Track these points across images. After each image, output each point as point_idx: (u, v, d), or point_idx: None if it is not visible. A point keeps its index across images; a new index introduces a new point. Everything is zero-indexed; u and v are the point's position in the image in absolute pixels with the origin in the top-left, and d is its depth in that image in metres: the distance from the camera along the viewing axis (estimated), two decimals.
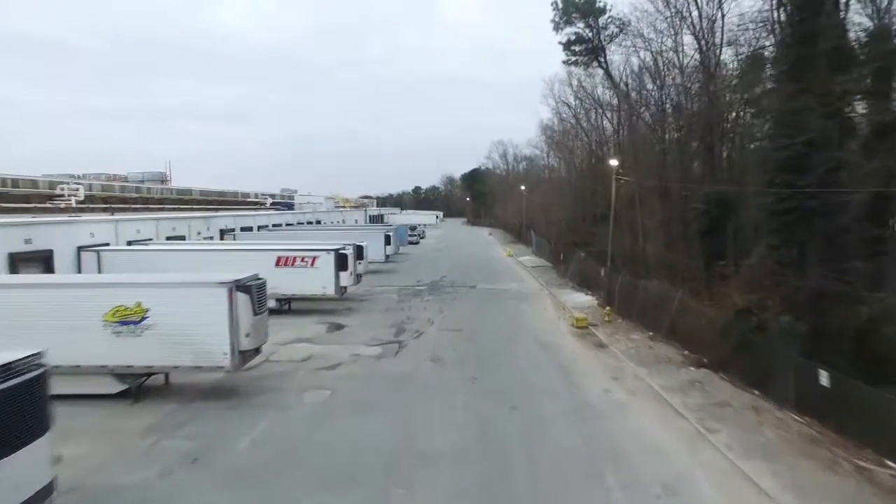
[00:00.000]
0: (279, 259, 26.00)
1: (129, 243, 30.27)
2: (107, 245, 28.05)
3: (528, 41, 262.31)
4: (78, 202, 41.67)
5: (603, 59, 39.26)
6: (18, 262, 23.44)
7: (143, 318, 14.38)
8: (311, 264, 26.23)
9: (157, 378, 15.66)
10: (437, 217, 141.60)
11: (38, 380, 8.16)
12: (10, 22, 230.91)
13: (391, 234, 49.12)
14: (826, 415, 12.95)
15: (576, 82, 47.82)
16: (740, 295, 17.12)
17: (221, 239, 42.45)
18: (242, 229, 46.97)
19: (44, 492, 8.28)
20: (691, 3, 28.46)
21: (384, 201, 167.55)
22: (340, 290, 26.95)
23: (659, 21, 31.31)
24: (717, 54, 28.14)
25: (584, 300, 30.89)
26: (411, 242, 68.19)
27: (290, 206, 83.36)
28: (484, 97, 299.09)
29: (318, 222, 72.04)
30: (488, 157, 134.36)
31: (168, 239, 35.33)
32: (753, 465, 11.15)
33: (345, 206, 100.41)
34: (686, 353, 19.45)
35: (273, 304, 24.15)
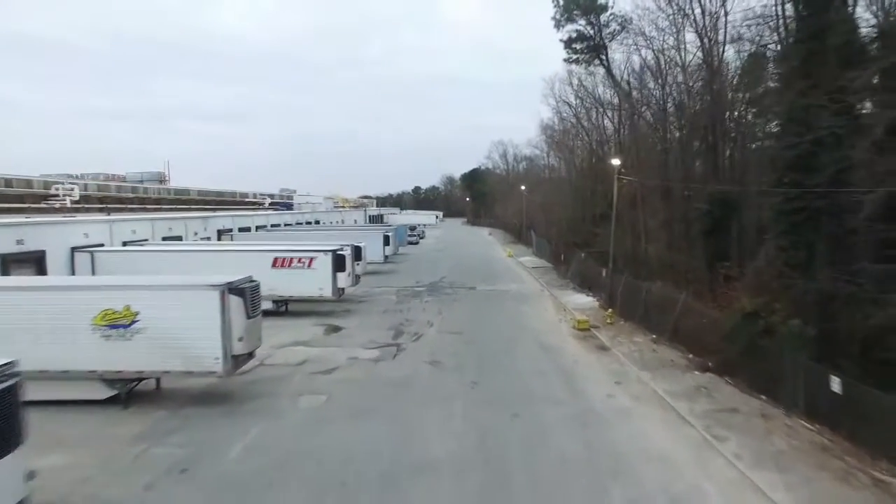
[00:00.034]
0: (276, 260, 25.64)
1: (125, 244, 29.90)
2: (101, 246, 27.67)
3: (528, 41, 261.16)
4: (73, 202, 41.19)
5: (604, 58, 38.80)
6: (10, 263, 23.02)
7: (133, 322, 14.01)
8: (309, 265, 25.85)
9: (149, 383, 15.28)
10: (436, 217, 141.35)
11: (9, 391, 7.73)
12: (10, 22, 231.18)
13: (390, 234, 48.75)
14: (838, 422, 12.51)
15: (576, 81, 47.57)
16: (747, 297, 16.70)
17: (219, 239, 42.11)
18: (240, 230, 46.62)
19: None
20: (694, 1, 28.14)
21: (384, 201, 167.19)
22: (338, 291, 26.53)
23: (661, 19, 30.97)
24: (721, 52, 27.80)
25: (585, 301, 30.48)
26: (411, 243, 67.94)
27: (288, 207, 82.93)
28: (484, 97, 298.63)
29: (317, 222, 71.74)
30: (488, 157, 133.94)
31: (164, 239, 34.96)
32: (765, 475, 10.71)
33: (344, 207, 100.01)
34: (691, 356, 19.03)
35: (270, 305, 23.87)
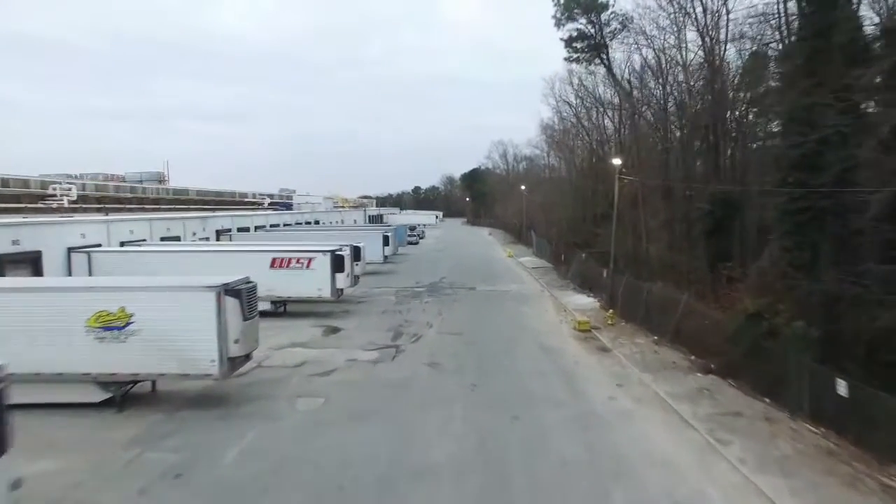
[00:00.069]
0: (274, 260, 25.43)
1: (122, 244, 29.65)
2: (98, 246, 27.45)
3: (528, 41, 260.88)
4: (70, 202, 40.85)
5: (605, 57, 38.54)
6: (5, 264, 22.76)
7: (128, 324, 13.80)
8: (307, 266, 25.64)
9: (144, 385, 15.08)
10: (436, 217, 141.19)
11: None
12: (10, 22, 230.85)
13: (390, 234, 48.52)
14: (844, 426, 12.30)
15: (577, 80, 47.49)
16: (750, 298, 16.49)
17: (218, 240, 41.89)
18: (239, 230, 46.39)
19: None
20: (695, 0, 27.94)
21: (384, 201, 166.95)
22: (337, 292, 26.32)
23: (662, 17, 30.80)
24: (722, 51, 27.62)
25: (585, 302, 30.27)
26: (410, 243, 67.78)
27: (288, 207, 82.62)
28: (484, 97, 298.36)
29: (317, 222, 71.47)
30: (488, 157, 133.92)
31: (162, 240, 34.71)
32: (770, 480, 10.50)
33: (343, 207, 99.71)
34: (693, 358, 18.84)
35: (268, 306, 23.66)
